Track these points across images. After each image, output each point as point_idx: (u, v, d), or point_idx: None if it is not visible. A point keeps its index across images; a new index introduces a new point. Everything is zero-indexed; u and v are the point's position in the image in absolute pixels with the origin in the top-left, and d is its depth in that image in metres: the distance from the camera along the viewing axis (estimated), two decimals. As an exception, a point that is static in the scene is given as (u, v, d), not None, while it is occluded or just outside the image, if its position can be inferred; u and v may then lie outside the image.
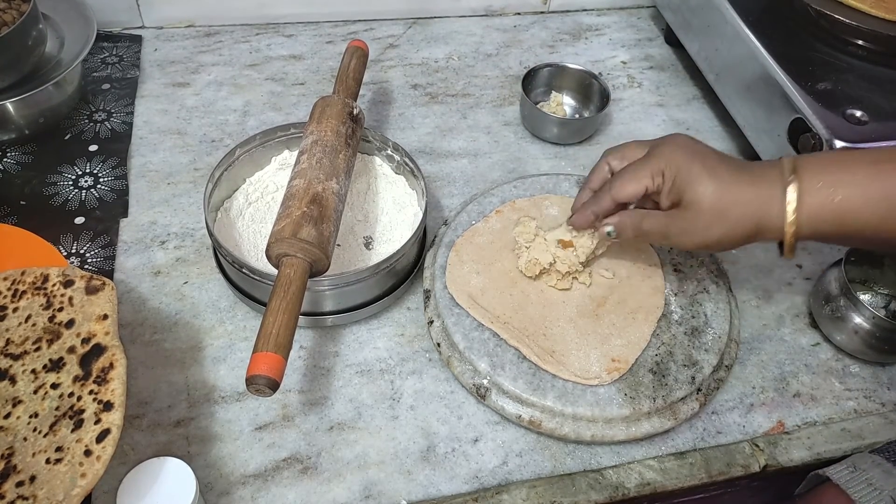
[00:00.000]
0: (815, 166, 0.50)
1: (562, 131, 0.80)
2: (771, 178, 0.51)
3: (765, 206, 0.50)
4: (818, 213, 0.49)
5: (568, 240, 0.61)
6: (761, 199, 0.50)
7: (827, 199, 0.49)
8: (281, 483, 0.54)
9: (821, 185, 0.49)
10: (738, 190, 0.51)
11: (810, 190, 0.49)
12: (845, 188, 0.49)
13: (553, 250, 0.61)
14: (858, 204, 0.49)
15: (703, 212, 0.52)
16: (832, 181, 0.49)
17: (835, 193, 0.49)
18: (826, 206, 0.49)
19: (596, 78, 0.82)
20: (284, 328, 0.49)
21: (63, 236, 0.67)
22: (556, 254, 0.61)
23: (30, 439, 0.45)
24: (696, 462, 0.57)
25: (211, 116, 0.81)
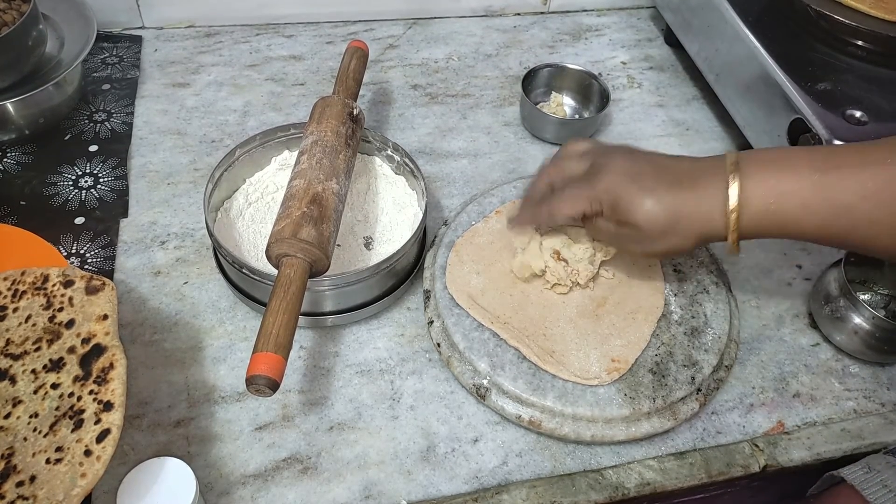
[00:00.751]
0: (757, 171, 0.50)
1: (562, 132, 0.80)
2: (712, 186, 0.51)
3: (706, 218, 0.51)
4: (759, 221, 0.50)
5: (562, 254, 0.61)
6: (703, 212, 0.51)
7: (768, 208, 0.49)
8: (281, 483, 0.54)
9: (762, 193, 0.49)
10: (679, 205, 0.51)
11: (751, 199, 0.50)
12: (787, 198, 0.49)
13: (546, 258, 0.61)
14: (799, 213, 0.49)
15: (646, 231, 0.52)
16: (773, 190, 0.49)
17: (776, 204, 0.49)
18: (767, 215, 0.50)
19: (596, 78, 0.82)
20: (284, 328, 0.49)
21: (63, 236, 0.67)
22: (548, 263, 0.61)
23: (30, 439, 0.45)
24: (696, 462, 0.57)
25: (211, 117, 0.81)
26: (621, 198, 0.52)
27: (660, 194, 0.51)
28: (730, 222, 0.50)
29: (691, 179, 0.52)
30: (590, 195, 0.54)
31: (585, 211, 0.54)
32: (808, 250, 0.73)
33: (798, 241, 0.73)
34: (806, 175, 0.49)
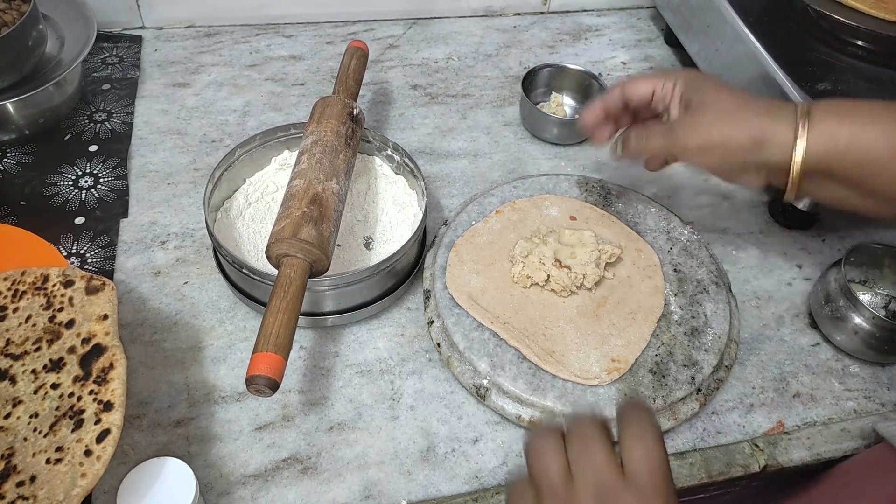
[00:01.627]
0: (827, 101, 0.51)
1: (562, 131, 0.80)
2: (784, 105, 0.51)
3: (774, 117, 0.51)
4: (829, 136, 0.49)
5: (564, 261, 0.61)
6: (771, 111, 0.51)
7: (838, 124, 0.49)
8: (281, 483, 0.54)
9: (834, 111, 0.49)
10: (748, 100, 0.52)
11: (822, 114, 0.49)
12: (859, 118, 0.49)
13: (548, 267, 0.61)
14: (871, 135, 0.48)
15: (709, 109, 0.52)
16: (846, 110, 0.49)
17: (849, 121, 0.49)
18: (837, 129, 0.49)
19: (595, 78, 0.82)
20: (284, 328, 0.49)
21: (63, 236, 0.67)
22: (550, 272, 0.61)
23: (30, 439, 0.45)
24: (696, 462, 0.57)
25: (211, 116, 0.81)
26: (695, 83, 0.54)
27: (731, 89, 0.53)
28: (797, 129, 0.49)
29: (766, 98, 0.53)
30: (665, 77, 0.56)
31: (656, 89, 0.56)
32: (808, 250, 0.73)
33: (798, 241, 0.73)
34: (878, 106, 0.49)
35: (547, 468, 0.39)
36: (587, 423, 0.40)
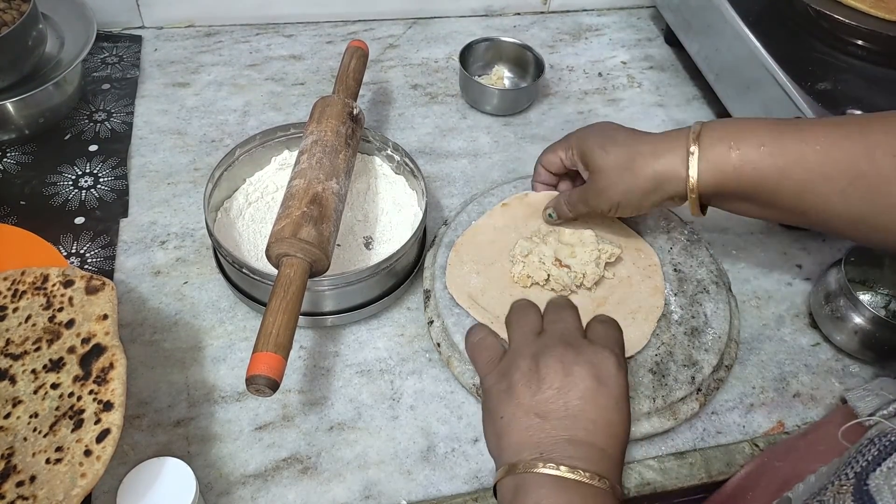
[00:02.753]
0: (716, 124, 0.53)
1: (501, 102, 0.83)
2: (675, 137, 0.54)
3: (665, 156, 0.53)
4: (718, 163, 0.52)
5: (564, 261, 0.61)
6: (660, 152, 0.54)
7: (728, 150, 0.52)
8: (281, 483, 0.54)
9: (722, 136, 0.52)
10: (638, 147, 0.55)
11: (711, 140, 0.52)
12: (746, 142, 0.51)
13: (548, 266, 0.61)
14: (756, 156, 0.50)
15: (605, 171, 0.56)
16: (733, 135, 0.52)
17: (736, 145, 0.51)
18: (726, 156, 0.51)
19: (531, 50, 0.86)
20: (284, 328, 0.49)
21: (63, 236, 0.67)
22: (551, 272, 0.61)
23: (30, 439, 0.45)
24: (696, 462, 0.57)
25: (211, 116, 0.81)
26: (588, 143, 0.58)
27: (619, 139, 0.57)
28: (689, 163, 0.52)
29: (654, 135, 0.56)
30: (563, 145, 0.62)
31: (561, 158, 0.62)
32: (808, 250, 0.73)
33: (798, 241, 0.73)
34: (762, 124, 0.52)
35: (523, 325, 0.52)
36: (562, 302, 0.55)
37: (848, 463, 0.41)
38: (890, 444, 0.40)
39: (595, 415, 0.45)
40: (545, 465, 0.43)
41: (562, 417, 0.45)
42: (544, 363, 0.47)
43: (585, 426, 0.45)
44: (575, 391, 0.46)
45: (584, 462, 0.44)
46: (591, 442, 0.45)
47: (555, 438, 0.44)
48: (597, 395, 0.46)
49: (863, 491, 0.38)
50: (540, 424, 0.45)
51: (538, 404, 0.46)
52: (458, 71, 0.84)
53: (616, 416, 0.46)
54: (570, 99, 0.88)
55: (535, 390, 0.46)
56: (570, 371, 0.47)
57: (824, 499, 0.40)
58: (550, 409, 0.45)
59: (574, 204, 0.61)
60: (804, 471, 0.49)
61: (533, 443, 0.45)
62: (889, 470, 0.38)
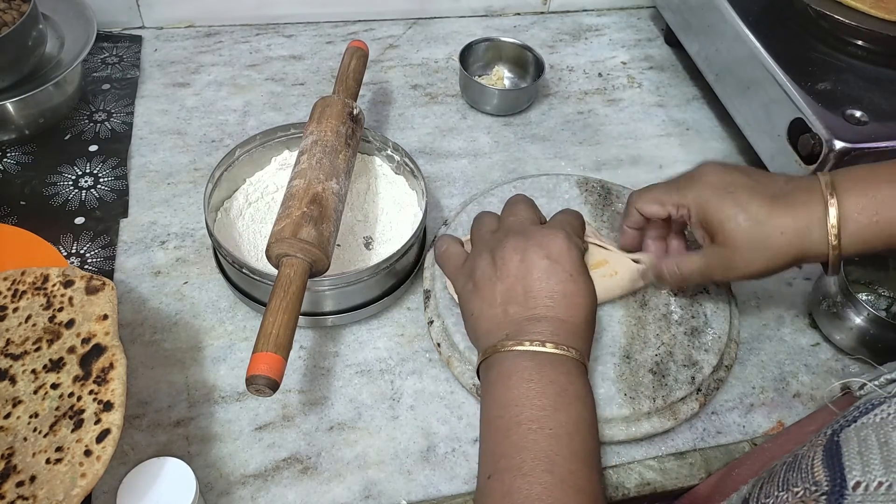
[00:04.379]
0: (853, 186, 0.49)
1: (501, 102, 0.83)
2: (809, 202, 0.49)
3: (805, 233, 0.49)
4: (861, 234, 0.49)
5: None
6: (800, 227, 0.49)
7: (869, 220, 0.49)
8: (281, 483, 0.54)
9: (861, 206, 0.49)
10: (775, 221, 0.50)
11: (851, 213, 0.49)
12: (888, 209, 0.48)
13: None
14: None
15: (740, 248, 0.51)
16: (873, 201, 0.49)
17: (878, 215, 0.48)
18: (870, 227, 0.49)
19: (530, 50, 0.85)
20: (284, 328, 0.49)
21: (63, 236, 0.67)
22: None
23: (30, 439, 0.45)
24: (696, 462, 0.57)
25: (211, 116, 0.81)
26: (711, 207, 0.51)
27: (752, 209, 0.50)
28: (830, 237, 0.49)
29: (785, 196, 0.50)
30: (677, 200, 0.53)
31: (671, 214, 0.54)
32: (808, 250, 0.73)
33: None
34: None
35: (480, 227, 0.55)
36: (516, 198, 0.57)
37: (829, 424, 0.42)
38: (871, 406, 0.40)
39: (552, 290, 0.49)
40: (512, 344, 0.48)
41: (523, 300, 0.49)
42: (500, 255, 0.51)
43: (545, 303, 0.49)
44: (531, 273, 0.50)
45: (545, 335, 0.48)
46: (553, 316, 0.49)
47: (518, 319, 0.49)
48: (551, 273, 0.50)
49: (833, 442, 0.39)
50: (504, 310, 0.50)
51: (501, 293, 0.50)
52: (458, 71, 0.84)
53: (572, 286, 0.50)
54: (570, 99, 0.88)
55: (496, 281, 0.50)
56: (524, 257, 0.50)
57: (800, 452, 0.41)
58: (512, 294, 0.50)
59: (687, 277, 0.55)
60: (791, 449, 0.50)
61: (501, 327, 0.49)
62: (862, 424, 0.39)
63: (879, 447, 0.36)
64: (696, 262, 0.54)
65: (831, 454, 0.38)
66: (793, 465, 0.40)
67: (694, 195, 0.52)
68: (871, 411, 0.40)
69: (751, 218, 0.50)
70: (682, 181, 0.54)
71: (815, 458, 0.39)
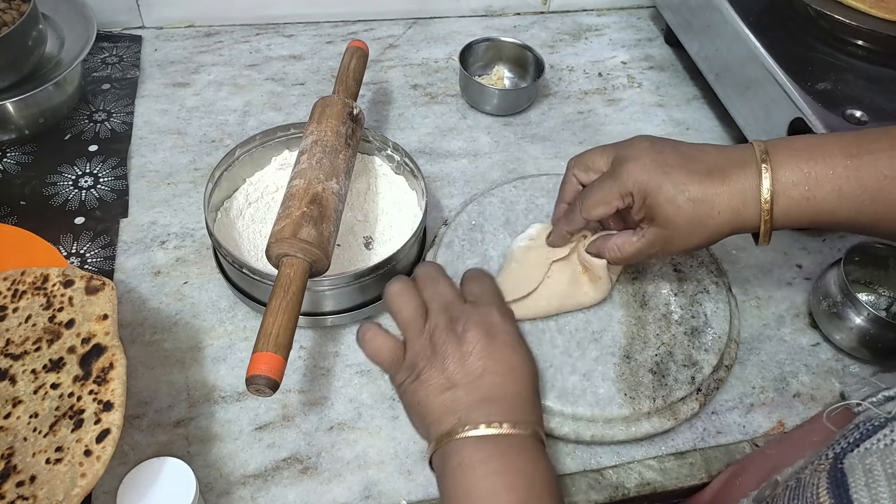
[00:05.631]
0: (788, 159, 0.50)
1: (501, 102, 0.83)
2: (742, 176, 0.50)
3: (741, 210, 0.50)
4: (793, 210, 0.50)
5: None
6: (735, 204, 0.50)
7: (801, 196, 0.49)
8: (281, 483, 0.54)
9: (795, 181, 0.49)
10: (711, 198, 0.50)
11: (785, 187, 0.49)
12: (820, 185, 0.49)
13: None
14: (833, 201, 0.49)
15: (679, 227, 0.52)
16: (806, 177, 0.49)
17: (809, 192, 0.49)
18: (801, 202, 0.49)
19: (531, 50, 0.85)
20: (284, 328, 0.49)
21: (63, 236, 0.67)
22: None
23: (30, 439, 0.45)
24: (696, 462, 0.57)
25: (211, 116, 0.81)
26: (653, 191, 0.51)
27: (690, 187, 0.51)
28: (763, 213, 0.49)
29: (720, 171, 0.51)
30: (621, 191, 0.53)
31: (618, 207, 0.54)
32: (808, 250, 0.73)
33: (798, 241, 0.73)
34: (839, 161, 0.48)
35: (406, 306, 0.51)
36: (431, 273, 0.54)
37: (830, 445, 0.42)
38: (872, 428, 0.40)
39: (497, 367, 0.48)
40: (464, 429, 0.45)
41: (470, 382, 0.48)
42: (438, 340, 0.49)
43: (492, 381, 0.48)
44: (472, 354, 0.48)
45: (499, 415, 0.46)
46: (503, 394, 0.47)
47: (469, 402, 0.47)
48: (492, 349, 0.48)
49: (837, 469, 0.38)
50: (453, 395, 0.48)
51: (446, 379, 0.48)
52: (458, 71, 0.84)
53: (516, 358, 0.49)
54: (570, 99, 0.88)
55: (440, 368, 0.48)
56: (461, 339, 0.49)
57: (802, 476, 0.40)
58: (457, 378, 0.48)
59: (629, 257, 0.56)
60: (794, 458, 0.50)
61: (451, 412, 0.47)
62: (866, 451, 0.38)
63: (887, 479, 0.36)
64: (636, 244, 0.55)
65: (837, 483, 0.38)
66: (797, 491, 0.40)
67: (634, 178, 0.52)
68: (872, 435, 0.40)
69: (690, 199, 0.51)
70: (616, 160, 0.54)
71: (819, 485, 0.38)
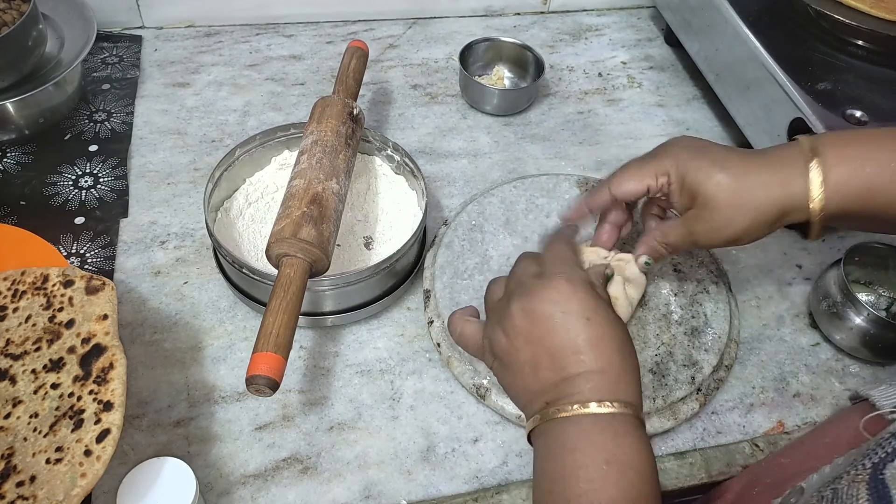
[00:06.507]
0: (836, 143, 0.48)
1: (501, 102, 0.83)
2: (789, 157, 0.48)
3: (787, 187, 0.48)
4: (845, 188, 0.47)
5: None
6: (782, 180, 0.48)
7: (853, 173, 0.47)
8: (281, 483, 0.54)
9: (845, 160, 0.47)
10: (755, 176, 0.48)
11: (835, 165, 0.47)
12: (871, 163, 0.47)
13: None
14: (886, 178, 0.47)
15: (721, 207, 0.49)
16: (856, 156, 0.47)
17: (861, 168, 0.47)
18: (853, 180, 0.47)
19: (531, 50, 0.86)
20: (284, 328, 0.49)
21: (63, 236, 0.67)
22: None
23: (30, 439, 0.45)
24: (696, 462, 0.57)
25: (211, 116, 0.81)
26: (692, 169, 0.49)
27: (731, 165, 0.49)
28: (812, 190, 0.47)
29: (763, 154, 0.49)
30: (657, 169, 0.51)
31: (650, 186, 0.52)
32: (808, 250, 0.73)
33: (798, 241, 0.73)
34: (889, 143, 0.47)
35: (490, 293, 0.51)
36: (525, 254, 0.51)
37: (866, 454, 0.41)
38: None
39: (575, 343, 0.43)
40: (554, 411, 0.43)
41: (550, 363, 0.44)
42: (509, 325, 0.46)
43: (572, 359, 0.43)
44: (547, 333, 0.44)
45: (585, 394, 0.42)
46: (586, 370, 0.43)
47: (553, 382, 0.44)
48: (567, 325, 0.44)
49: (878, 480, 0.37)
50: (536, 378, 0.44)
51: (526, 362, 0.45)
52: (458, 71, 0.84)
53: (596, 331, 0.44)
54: (570, 99, 0.88)
55: (517, 352, 0.45)
56: (531, 319, 0.45)
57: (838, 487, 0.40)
58: (536, 360, 0.44)
59: (676, 244, 0.53)
60: (810, 467, 0.49)
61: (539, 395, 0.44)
62: None
63: None
64: (679, 229, 0.53)
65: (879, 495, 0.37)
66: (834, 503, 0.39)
67: (671, 160, 0.51)
68: None
69: (730, 174, 0.49)
70: (656, 151, 0.53)
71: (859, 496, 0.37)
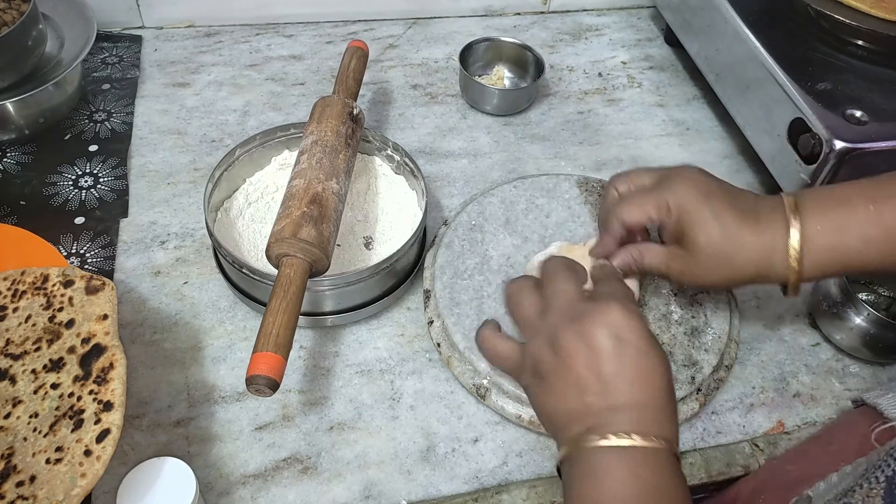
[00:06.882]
0: (816, 208, 0.50)
1: (501, 102, 0.83)
2: (773, 223, 0.51)
3: (767, 254, 0.50)
4: (821, 259, 0.50)
5: None
6: (764, 247, 0.50)
7: (829, 245, 0.50)
8: (281, 483, 0.54)
9: (822, 230, 0.50)
10: (742, 236, 0.51)
11: (813, 237, 0.50)
12: (847, 234, 0.49)
13: None
14: (860, 247, 0.49)
15: (704, 259, 0.52)
16: (834, 226, 0.50)
17: (837, 240, 0.50)
18: (829, 252, 0.50)
19: (531, 50, 0.86)
20: (284, 328, 0.49)
21: (63, 236, 0.67)
22: None
23: (30, 439, 0.45)
24: (696, 462, 0.57)
25: (211, 116, 0.81)
26: (692, 212, 0.51)
27: (725, 220, 0.51)
28: (791, 261, 0.50)
29: (755, 214, 0.51)
30: (658, 202, 0.53)
31: (651, 217, 0.54)
32: (809, 250, 0.73)
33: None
34: (862, 208, 0.49)
35: (521, 305, 0.49)
36: (555, 267, 0.50)
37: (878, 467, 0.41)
38: None
39: (626, 373, 0.44)
40: (596, 438, 0.43)
41: (598, 388, 0.44)
42: (562, 345, 0.45)
43: (621, 388, 0.44)
44: (599, 357, 0.44)
45: (629, 425, 0.43)
46: (633, 402, 0.43)
47: (598, 410, 0.44)
48: (621, 353, 0.44)
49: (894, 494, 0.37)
50: (580, 401, 0.44)
51: (573, 385, 0.45)
52: (458, 71, 0.84)
53: (647, 363, 0.44)
54: (570, 99, 0.88)
55: (566, 373, 0.45)
56: (587, 341, 0.45)
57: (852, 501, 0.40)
58: (585, 384, 0.44)
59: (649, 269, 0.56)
60: (816, 474, 0.49)
61: (580, 420, 0.44)
62: None
63: None
64: (658, 257, 0.55)
65: None
66: None
67: (675, 198, 0.53)
68: None
69: (723, 232, 0.51)
70: (664, 181, 0.54)
71: None
